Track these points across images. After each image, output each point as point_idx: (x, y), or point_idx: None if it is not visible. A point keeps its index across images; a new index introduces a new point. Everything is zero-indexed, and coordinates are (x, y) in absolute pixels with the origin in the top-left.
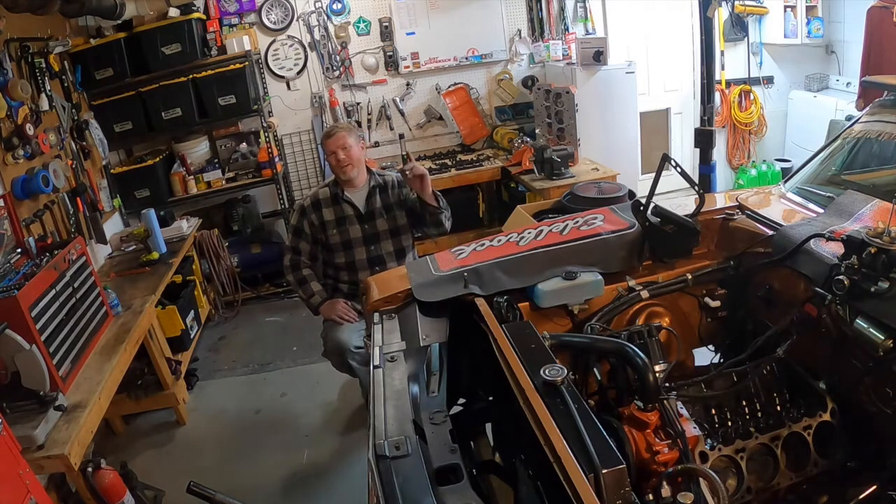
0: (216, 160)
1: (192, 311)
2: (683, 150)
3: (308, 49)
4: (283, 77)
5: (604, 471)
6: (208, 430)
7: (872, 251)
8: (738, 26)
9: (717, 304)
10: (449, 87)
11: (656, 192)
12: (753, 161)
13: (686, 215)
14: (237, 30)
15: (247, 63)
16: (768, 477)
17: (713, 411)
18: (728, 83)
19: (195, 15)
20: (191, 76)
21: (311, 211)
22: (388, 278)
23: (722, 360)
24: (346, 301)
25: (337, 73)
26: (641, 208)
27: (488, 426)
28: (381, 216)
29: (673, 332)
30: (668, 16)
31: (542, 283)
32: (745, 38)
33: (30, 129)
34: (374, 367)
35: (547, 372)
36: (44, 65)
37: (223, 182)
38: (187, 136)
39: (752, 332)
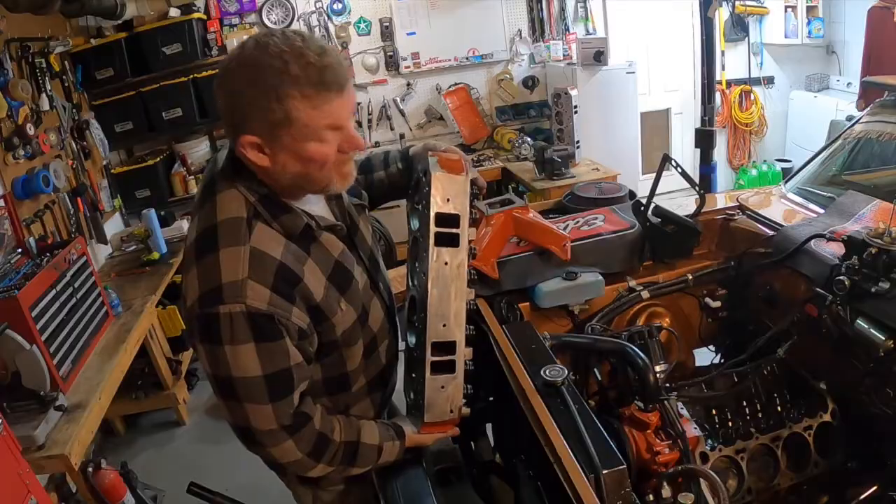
0: None
1: None
2: (684, 151)
3: None
4: None
5: (604, 471)
6: (208, 430)
7: (873, 251)
8: (739, 26)
9: (717, 304)
10: (449, 87)
11: (657, 192)
12: (754, 161)
13: (687, 215)
14: (238, 30)
15: None
16: (769, 477)
17: (714, 412)
18: (729, 83)
19: (196, 15)
20: (191, 76)
21: (285, 302)
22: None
23: (722, 361)
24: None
25: None
26: (642, 208)
27: (488, 426)
28: (361, 210)
29: (673, 333)
30: (669, 16)
31: (543, 283)
32: (746, 39)
33: (30, 129)
34: None
35: (547, 372)
36: (44, 65)
37: None
38: (188, 136)
39: (753, 332)
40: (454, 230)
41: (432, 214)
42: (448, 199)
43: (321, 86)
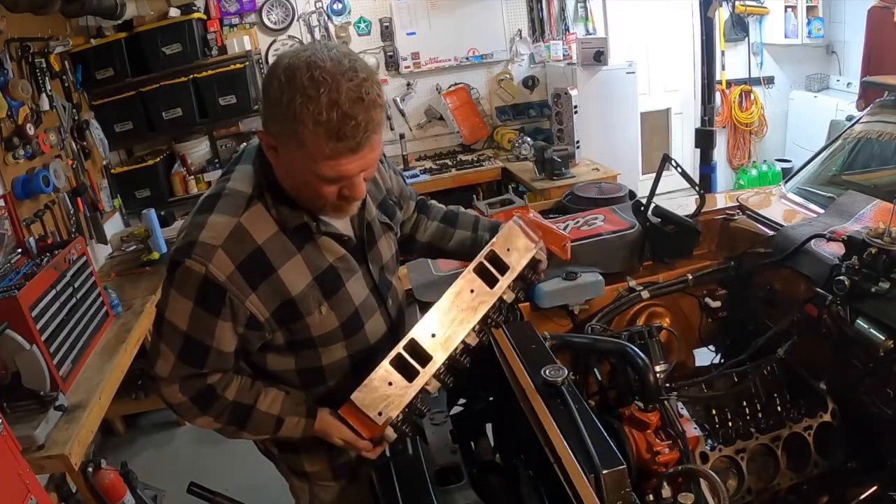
0: (216, 160)
1: None
2: (684, 151)
3: None
4: None
5: (604, 471)
6: (209, 430)
7: (873, 251)
8: (739, 26)
9: (717, 304)
10: (449, 87)
11: (657, 192)
12: (754, 161)
13: (687, 215)
14: (238, 30)
15: (247, 63)
16: (769, 477)
17: (714, 412)
18: (729, 83)
19: (196, 15)
20: (191, 76)
21: (245, 284)
22: None
23: (722, 361)
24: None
25: None
26: (642, 208)
27: (489, 426)
28: (387, 230)
29: (673, 333)
30: (669, 16)
31: (543, 283)
32: (746, 39)
33: (30, 129)
34: None
35: (547, 372)
36: (44, 65)
37: None
38: (188, 136)
39: (753, 332)
40: (498, 274)
41: (488, 249)
42: (508, 249)
43: (334, 137)
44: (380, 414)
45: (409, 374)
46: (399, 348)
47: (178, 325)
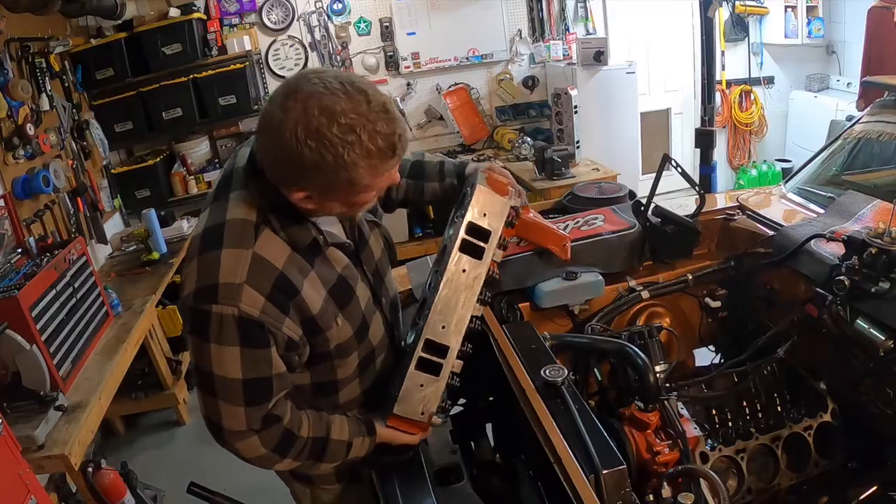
0: (216, 160)
1: None
2: (684, 151)
3: (308, 49)
4: (283, 77)
5: (604, 471)
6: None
7: (873, 252)
8: (739, 26)
9: (717, 304)
10: (449, 87)
11: (657, 192)
12: (754, 161)
13: (687, 216)
14: (238, 30)
15: (247, 63)
16: (769, 477)
17: (714, 412)
18: (728, 83)
19: (196, 15)
20: (191, 76)
21: (278, 312)
22: None
23: (722, 361)
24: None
25: None
26: (642, 208)
27: (489, 426)
28: (374, 227)
29: (673, 333)
30: (669, 16)
31: (543, 283)
32: (746, 39)
33: (30, 129)
34: None
35: (547, 372)
36: (44, 65)
37: None
38: (188, 136)
39: (753, 332)
40: (481, 244)
41: (465, 222)
42: (484, 214)
43: (387, 156)
44: (422, 413)
45: (435, 369)
46: (419, 352)
47: (232, 377)
